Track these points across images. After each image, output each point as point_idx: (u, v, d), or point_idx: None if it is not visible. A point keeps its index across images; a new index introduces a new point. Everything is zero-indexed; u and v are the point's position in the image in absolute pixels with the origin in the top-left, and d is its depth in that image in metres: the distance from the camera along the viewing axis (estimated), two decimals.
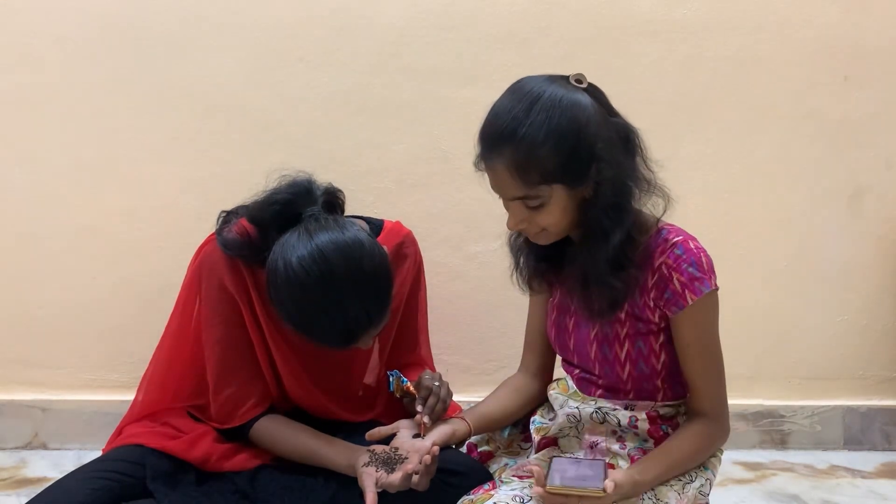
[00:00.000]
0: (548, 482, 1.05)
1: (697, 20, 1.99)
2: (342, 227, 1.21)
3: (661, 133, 1.29)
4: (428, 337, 1.58)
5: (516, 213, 1.16)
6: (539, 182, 1.10)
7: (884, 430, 2.11)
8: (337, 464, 1.25)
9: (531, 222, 1.16)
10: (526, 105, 1.10)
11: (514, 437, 1.41)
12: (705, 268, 1.16)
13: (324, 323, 1.19)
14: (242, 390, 1.33)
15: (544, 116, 1.09)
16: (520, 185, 1.11)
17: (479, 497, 1.16)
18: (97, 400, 2.01)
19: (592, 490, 1.03)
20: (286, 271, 1.18)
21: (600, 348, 1.24)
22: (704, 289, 1.15)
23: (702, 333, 1.18)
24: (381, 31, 1.96)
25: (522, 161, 1.09)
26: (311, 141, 1.97)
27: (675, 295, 1.15)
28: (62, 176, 1.97)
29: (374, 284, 1.21)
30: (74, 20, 1.93)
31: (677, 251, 1.16)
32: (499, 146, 1.11)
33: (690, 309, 1.15)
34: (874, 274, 2.08)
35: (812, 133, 2.03)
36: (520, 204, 1.14)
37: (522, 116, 1.09)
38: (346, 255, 1.18)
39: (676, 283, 1.15)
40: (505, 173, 1.11)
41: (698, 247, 1.17)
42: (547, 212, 1.13)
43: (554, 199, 1.12)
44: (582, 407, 1.26)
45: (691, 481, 1.19)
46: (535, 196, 1.12)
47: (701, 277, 1.15)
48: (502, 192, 1.15)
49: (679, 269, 1.15)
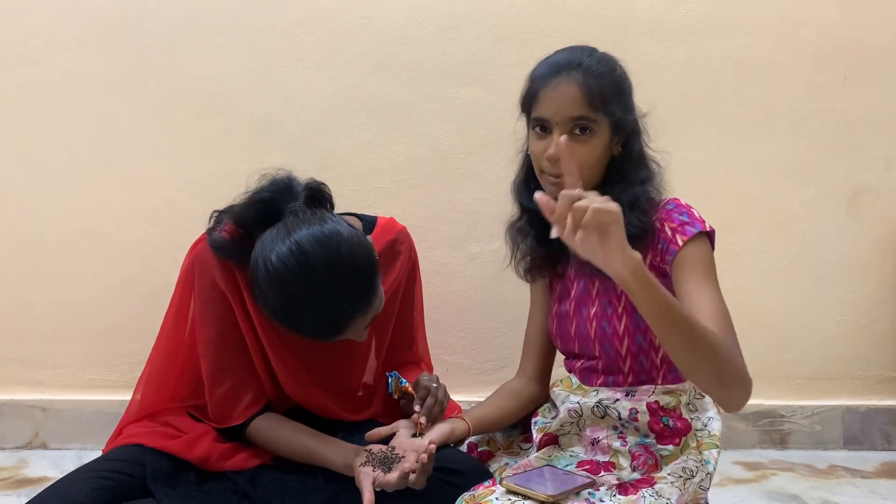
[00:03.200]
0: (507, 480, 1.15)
1: (697, 20, 1.99)
2: (321, 221, 1.21)
3: (660, 133, 1.30)
4: (425, 334, 1.58)
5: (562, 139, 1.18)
6: (599, 108, 1.19)
7: (883, 430, 2.11)
8: (334, 463, 1.25)
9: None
10: (590, 50, 1.25)
11: (514, 438, 1.42)
12: (696, 216, 1.21)
13: (307, 316, 1.20)
14: (237, 389, 1.33)
15: (607, 59, 1.24)
16: (584, 104, 1.18)
17: (480, 493, 1.16)
18: (97, 400, 2.01)
19: (538, 493, 1.09)
20: (266, 268, 1.18)
21: (599, 324, 1.27)
22: (694, 229, 1.18)
23: (697, 269, 1.17)
24: (381, 31, 1.96)
25: (593, 83, 1.19)
26: (311, 141, 1.97)
27: (667, 242, 1.19)
28: (62, 176, 1.97)
29: (355, 273, 1.20)
30: (75, 20, 1.93)
31: (668, 206, 1.23)
32: (570, 69, 1.20)
33: (683, 249, 1.18)
34: (874, 274, 2.08)
35: (812, 133, 2.04)
36: (569, 128, 1.19)
37: (590, 53, 1.24)
38: (324, 247, 1.18)
39: (668, 230, 1.20)
40: (574, 91, 1.18)
41: (689, 205, 1.24)
42: (591, 144, 1.20)
43: (599, 132, 1.20)
44: (583, 401, 1.27)
45: (691, 477, 1.19)
46: (592, 120, 1.19)
47: (691, 221, 1.20)
48: (561, 111, 1.19)
49: (670, 218, 1.21)
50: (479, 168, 1.99)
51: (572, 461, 1.26)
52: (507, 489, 1.13)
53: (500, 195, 2.03)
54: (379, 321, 1.42)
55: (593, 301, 1.28)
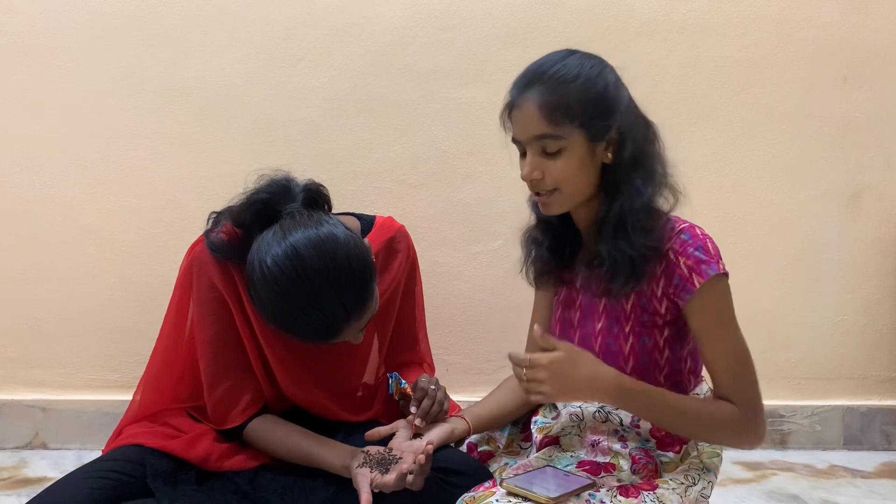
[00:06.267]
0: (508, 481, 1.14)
1: (697, 20, 1.99)
2: (317, 223, 1.21)
3: (660, 133, 1.29)
4: (426, 334, 1.58)
5: (533, 160, 1.16)
6: (562, 121, 1.13)
7: (883, 430, 2.11)
8: (331, 464, 1.25)
9: (546, 174, 1.16)
10: (563, 54, 1.18)
11: (514, 437, 1.41)
12: (711, 252, 1.16)
13: (302, 319, 1.19)
14: (235, 390, 1.33)
15: (578, 62, 1.16)
16: (544, 121, 1.13)
17: (480, 494, 1.16)
18: (97, 400, 2.01)
19: (539, 494, 1.09)
20: (261, 270, 1.18)
21: (605, 341, 1.24)
22: (711, 271, 1.14)
23: (714, 318, 1.17)
24: (381, 31, 1.96)
25: (550, 96, 1.13)
26: (311, 141, 1.97)
27: (683, 280, 1.15)
28: (62, 176, 1.97)
29: (350, 277, 1.20)
30: (75, 20, 1.93)
31: (683, 236, 1.17)
32: (530, 84, 1.15)
33: (699, 293, 1.15)
34: (874, 274, 2.08)
35: (812, 133, 2.04)
36: (538, 147, 1.15)
37: (558, 59, 1.17)
38: (319, 250, 1.17)
39: (683, 268, 1.15)
40: (532, 108, 1.14)
41: (704, 233, 1.18)
42: (563, 161, 1.15)
43: (572, 146, 1.14)
44: (585, 406, 1.27)
45: (693, 484, 1.18)
46: (557, 136, 1.13)
47: (707, 261, 1.15)
48: (525, 131, 1.16)
49: (685, 252, 1.16)
50: (479, 168, 1.99)
51: (573, 461, 1.25)
52: (508, 490, 1.13)
53: (500, 195, 2.04)
54: (380, 321, 1.42)
55: (600, 316, 1.25)
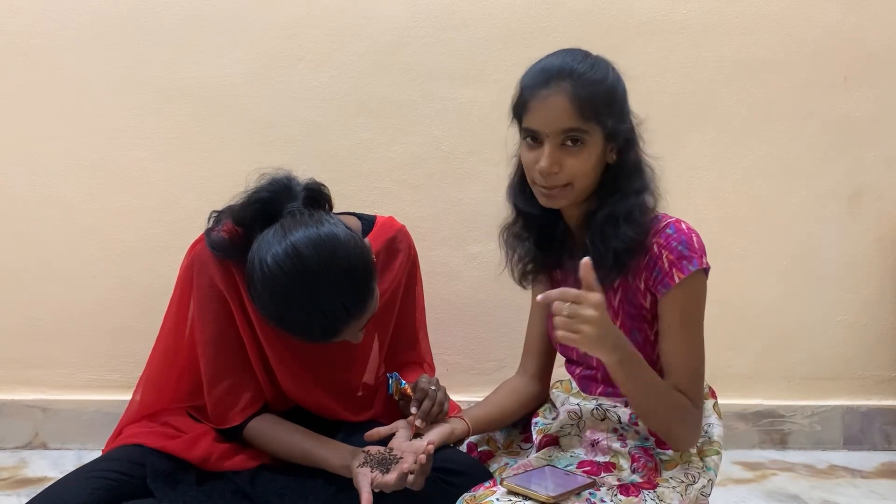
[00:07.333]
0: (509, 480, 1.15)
1: (697, 20, 1.99)
2: (318, 222, 1.21)
3: (661, 133, 1.30)
4: (427, 334, 1.58)
5: (552, 153, 1.17)
6: (590, 118, 1.15)
7: (883, 430, 2.11)
8: (331, 464, 1.25)
9: (563, 168, 1.17)
10: (582, 55, 1.20)
11: (514, 438, 1.41)
12: (695, 247, 1.17)
13: (302, 318, 1.19)
14: (235, 389, 1.33)
15: (603, 65, 1.20)
16: (575, 115, 1.15)
17: (480, 493, 1.16)
18: (97, 400, 2.01)
19: (539, 494, 1.10)
20: (262, 269, 1.18)
21: None
22: (692, 267, 1.16)
23: (684, 315, 1.18)
24: (381, 31, 1.96)
25: (583, 93, 1.15)
26: (311, 141, 1.97)
27: (663, 274, 1.17)
28: (62, 176, 1.97)
29: (350, 277, 1.20)
30: (75, 20, 1.93)
31: (668, 230, 1.19)
32: (559, 78, 1.16)
33: (677, 288, 1.16)
34: (874, 274, 2.08)
35: (812, 133, 2.03)
36: (560, 140, 1.16)
37: (582, 59, 1.19)
38: (319, 250, 1.17)
39: (665, 261, 1.17)
40: (563, 102, 1.15)
41: (690, 228, 1.20)
42: (583, 156, 1.17)
43: (592, 143, 1.17)
44: (583, 404, 1.27)
45: (693, 482, 1.19)
46: (583, 131, 1.15)
47: (690, 256, 1.16)
48: (551, 123, 1.16)
49: (668, 246, 1.17)
50: (479, 168, 1.99)
51: (572, 461, 1.25)
52: (508, 489, 1.13)
53: (500, 195, 2.02)
54: (380, 321, 1.42)
55: None
